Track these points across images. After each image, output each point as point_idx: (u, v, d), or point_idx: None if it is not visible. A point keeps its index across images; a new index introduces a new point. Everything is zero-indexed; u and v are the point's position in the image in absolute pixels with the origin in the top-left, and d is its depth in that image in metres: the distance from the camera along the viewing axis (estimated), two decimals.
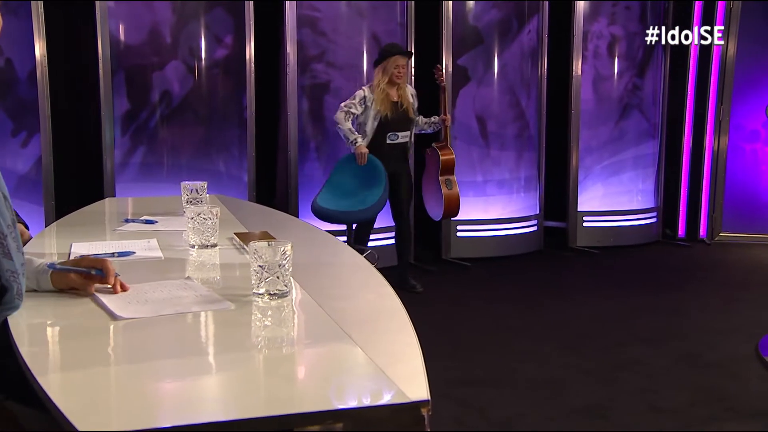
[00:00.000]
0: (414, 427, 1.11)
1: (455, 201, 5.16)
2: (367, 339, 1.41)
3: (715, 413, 3.09)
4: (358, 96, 4.88)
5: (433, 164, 5.22)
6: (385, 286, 1.81)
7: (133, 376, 1.26)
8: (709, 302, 4.90)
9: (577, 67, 6.46)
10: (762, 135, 6.87)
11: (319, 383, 1.27)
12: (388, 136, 4.91)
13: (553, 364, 3.73)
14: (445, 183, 5.13)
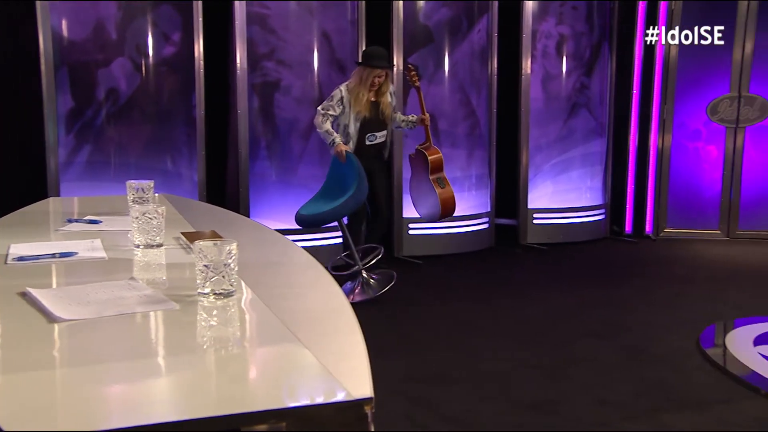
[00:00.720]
0: (357, 424, 1.11)
1: (451, 199, 5.07)
2: (313, 338, 1.41)
3: (658, 405, 3.16)
4: (336, 97, 4.80)
5: (420, 166, 5.14)
6: (333, 286, 1.81)
7: (76, 379, 1.23)
8: (655, 297, 5.02)
9: (526, 66, 6.54)
10: (703, 133, 7.06)
11: (264, 382, 1.27)
12: (367, 137, 4.87)
13: (504, 360, 3.77)
14: (437, 182, 5.05)
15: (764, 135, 6.96)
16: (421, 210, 5.27)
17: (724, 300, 4.93)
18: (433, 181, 5.04)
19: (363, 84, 4.76)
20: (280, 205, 5.70)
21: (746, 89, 6.87)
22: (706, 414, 3.08)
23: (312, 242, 5.76)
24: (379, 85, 4.80)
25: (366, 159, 4.85)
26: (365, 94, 4.78)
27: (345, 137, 4.82)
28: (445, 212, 5.07)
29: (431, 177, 5.05)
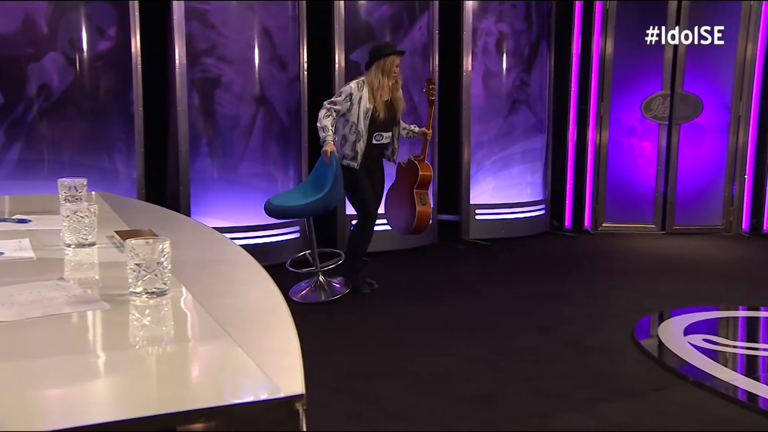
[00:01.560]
0: (289, 421, 1.11)
1: (427, 217, 4.97)
2: (246, 336, 1.40)
3: (595, 395, 3.24)
4: (345, 92, 4.70)
5: (407, 177, 5.02)
6: (269, 284, 1.80)
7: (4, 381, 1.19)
8: (593, 290, 5.14)
9: (467, 63, 6.61)
10: (638, 129, 7.26)
11: (196, 381, 1.25)
12: (374, 137, 4.76)
13: (447, 355, 3.81)
14: (419, 197, 4.95)
15: (697, 132, 7.19)
16: (393, 220, 5.16)
17: (658, 292, 5.08)
18: (416, 195, 4.93)
19: (385, 73, 4.65)
20: (221, 203, 5.63)
21: (680, 87, 7.08)
22: (640, 402, 3.17)
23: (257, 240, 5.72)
24: (398, 75, 4.72)
25: (370, 159, 4.79)
26: (386, 86, 4.68)
27: (354, 135, 4.70)
28: (417, 228, 4.97)
29: (416, 191, 4.94)
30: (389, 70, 4.67)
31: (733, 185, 7.15)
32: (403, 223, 5.04)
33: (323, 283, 4.88)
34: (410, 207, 4.95)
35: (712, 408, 3.11)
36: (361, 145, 4.70)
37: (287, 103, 5.83)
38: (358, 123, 4.69)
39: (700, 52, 7.03)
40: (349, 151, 4.73)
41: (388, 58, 4.67)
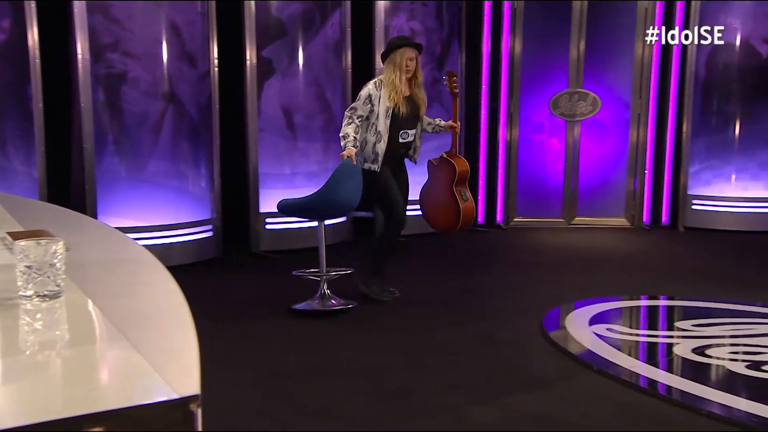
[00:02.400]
0: (184, 423, 1.09)
1: (471, 213, 4.81)
2: (143, 337, 1.37)
3: (505, 387, 3.31)
4: (363, 96, 4.50)
5: (443, 174, 4.84)
6: (170, 283, 1.76)
7: None
8: (504, 284, 5.26)
9: (378, 60, 6.63)
10: (546, 126, 7.48)
11: (87, 385, 1.21)
12: (401, 135, 4.53)
13: (363, 351, 3.82)
14: (460, 194, 4.77)
15: (597, 128, 7.46)
16: (434, 220, 4.96)
17: (566, 284, 5.24)
18: (457, 192, 4.77)
19: (398, 68, 4.45)
20: (130, 203, 5.47)
21: (581, 85, 7.33)
22: (547, 392, 3.26)
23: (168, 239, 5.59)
24: (412, 68, 4.49)
25: (396, 159, 4.58)
26: (402, 80, 4.46)
27: (375, 136, 4.48)
28: (463, 225, 4.81)
29: (456, 188, 4.77)
30: (402, 63, 4.45)
31: (634, 180, 7.46)
32: (446, 222, 4.86)
33: (326, 293, 4.59)
34: (452, 205, 4.78)
35: (614, 394, 3.23)
36: (382, 146, 4.47)
37: (197, 99, 5.71)
38: (378, 123, 4.46)
39: (601, 51, 7.30)
40: (371, 154, 4.50)
41: (398, 51, 4.47)
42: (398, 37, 4.70)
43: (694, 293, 4.95)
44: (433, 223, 4.96)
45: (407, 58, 4.46)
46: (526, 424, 2.94)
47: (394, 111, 4.46)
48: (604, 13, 7.24)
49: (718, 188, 7.20)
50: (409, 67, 4.48)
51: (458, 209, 4.74)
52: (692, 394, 3.21)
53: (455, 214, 4.76)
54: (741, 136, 7.12)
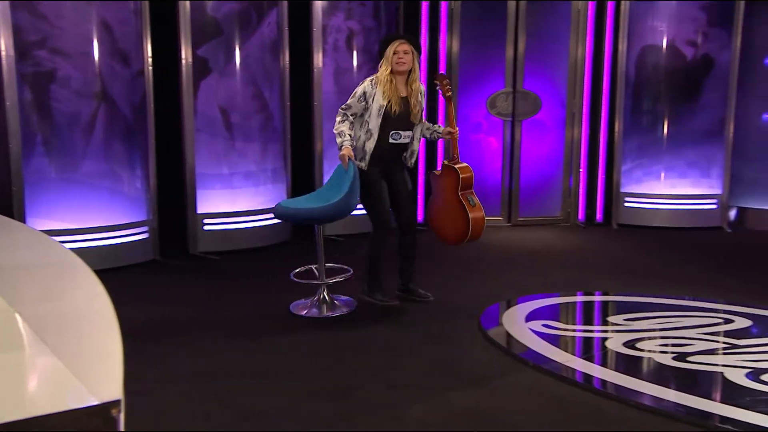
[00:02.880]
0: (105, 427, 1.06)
1: (481, 219, 4.58)
2: (64, 343, 1.33)
3: (443, 383, 3.35)
4: (359, 92, 4.38)
5: (447, 183, 4.66)
6: (96, 287, 1.72)
7: None
8: (444, 282, 5.30)
9: (318, 60, 6.63)
10: (484, 126, 7.58)
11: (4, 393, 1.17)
12: (391, 135, 4.39)
13: (303, 351, 3.81)
14: (467, 200, 4.58)
15: (534, 127, 7.60)
16: (444, 234, 4.72)
17: (505, 281, 5.32)
18: (463, 197, 4.58)
19: (388, 63, 4.33)
20: (60, 204, 5.33)
21: (520, 85, 7.46)
22: (484, 388, 3.30)
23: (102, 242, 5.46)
24: (403, 62, 4.31)
25: (386, 161, 4.44)
26: (396, 77, 4.34)
27: (366, 134, 4.39)
28: (474, 234, 4.57)
29: (461, 193, 4.59)
30: (391, 56, 4.32)
31: (570, 178, 7.63)
32: (457, 233, 4.62)
33: (327, 298, 4.53)
34: (460, 214, 4.57)
35: (549, 389, 3.30)
36: (371, 145, 4.36)
37: (131, 99, 5.59)
38: (370, 120, 4.36)
39: (539, 52, 7.44)
40: (360, 151, 4.41)
41: (389, 45, 4.35)
42: (390, 34, 4.54)
43: (627, 288, 5.09)
44: (444, 237, 4.72)
45: (398, 51, 4.32)
46: (463, 420, 2.97)
47: (386, 110, 4.34)
48: (540, 14, 7.38)
49: (648, 186, 7.42)
50: (400, 60, 4.32)
51: (467, 216, 4.53)
52: (623, 386, 3.30)
53: (464, 221, 4.54)
54: (669, 135, 7.35)
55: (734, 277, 5.46)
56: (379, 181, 4.44)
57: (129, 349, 3.78)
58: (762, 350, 3.76)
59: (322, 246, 4.57)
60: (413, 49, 4.38)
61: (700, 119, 7.28)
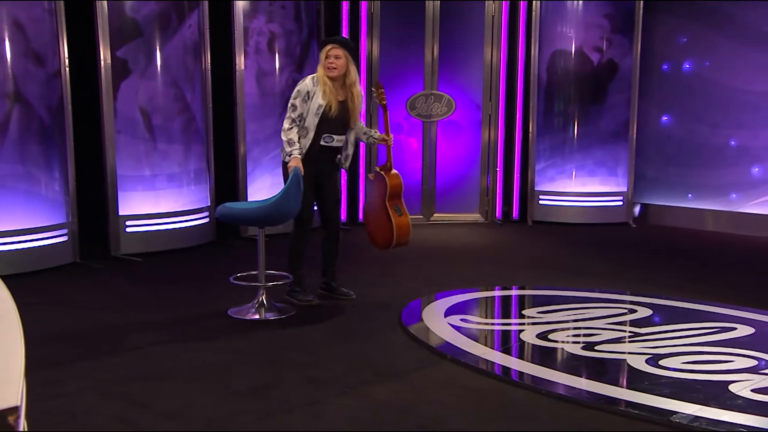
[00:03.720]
0: None
1: (406, 228, 4.72)
2: None
3: (363, 379, 3.46)
4: (301, 92, 4.37)
5: (377, 190, 4.76)
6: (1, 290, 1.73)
7: None
8: (365, 280, 5.42)
9: (240, 62, 6.65)
10: (404, 127, 7.75)
11: None
12: (323, 138, 4.41)
13: (224, 352, 3.85)
14: (394, 209, 4.68)
15: (452, 128, 7.83)
16: (374, 238, 4.87)
17: (425, 278, 5.49)
18: (390, 207, 4.68)
19: (321, 66, 4.38)
20: None
21: (436, 87, 7.66)
22: (403, 382, 3.44)
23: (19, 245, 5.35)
24: (334, 67, 4.34)
25: (317, 164, 4.45)
26: (334, 86, 4.37)
27: (301, 131, 4.39)
28: (399, 242, 4.72)
29: (388, 203, 4.69)
30: (324, 61, 4.37)
31: (487, 177, 7.89)
32: (383, 239, 4.77)
33: (265, 302, 4.52)
34: (386, 221, 4.71)
35: (468, 381, 3.46)
36: (305, 143, 4.39)
37: (47, 100, 5.49)
38: (308, 118, 4.38)
39: (455, 54, 7.65)
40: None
41: (323, 50, 4.40)
42: (331, 36, 4.58)
43: (542, 282, 5.34)
44: (373, 240, 4.88)
45: (330, 55, 4.36)
46: (382, 414, 3.10)
47: (324, 111, 4.37)
48: (456, 16, 7.59)
49: (561, 184, 7.75)
50: (331, 65, 4.35)
51: (391, 225, 4.67)
52: (538, 376, 3.50)
53: (389, 230, 4.69)
54: (579, 135, 7.70)
55: (638, 270, 5.80)
56: (308, 182, 4.44)
57: (47, 354, 3.75)
58: (661, 337, 4.04)
59: (263, 249, 4.55)
60: (347, 53, 4.40)
61: (607, 121, 7.66)
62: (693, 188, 7.68)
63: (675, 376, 3.47)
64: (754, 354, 3.75)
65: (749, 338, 4.03)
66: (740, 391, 3.28)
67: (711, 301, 4.77)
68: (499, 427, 2.99)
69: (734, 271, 5.85)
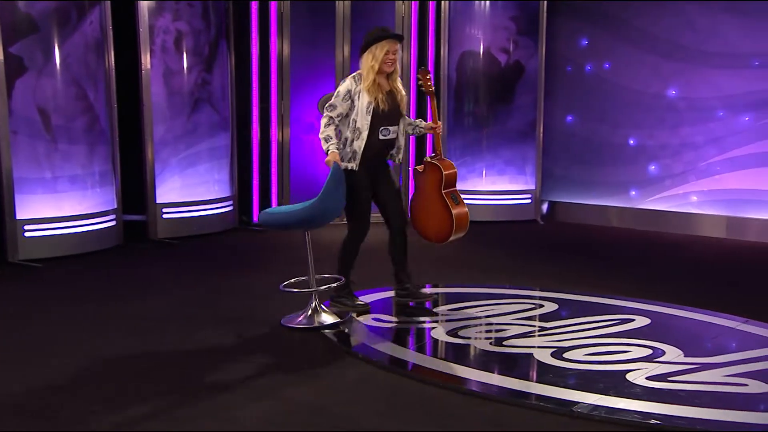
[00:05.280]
0: None
1: (466, 217, 4.48)
2: None
3: (279, 381, 3.45)
4: (342, 92, 4.23)
5: (430, 180, 4.49)
6: None
7: None
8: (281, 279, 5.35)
9: (146, 61, 6.49)
10: (316, 127, 7.69)
11: None
12: (381, 131, 4.27)
13: (130, 358, 3.76)
14: (451, 198, 4.44)
15: None
16: (426, 232, 4.58)
17: None
18: (447, 195, 4.44)
19: (377, 61, 4.18)
20: None
21: None
22: (318, 383, 3.44)
23: None
24: (393, 63, 4.22)
25: (376, 159, 4.33)
26: (379, 78, 4.21)
27: (353, 134, 4.24)
28: (458, 231, 4.46)
29: (445, 191, 4.45)
30: (382, 58, 4.19)
31: (399, 176, 7.96)
32: (440, 231, 4.50)
33: (316, 307, 4.35)
34: (444, 212, 4.45)
35: (380, 380, 3.50)
36: (360, 144, 4.25)
37: None
38: (357, 119, 4.24)
39: None
40: (348, 152, 4.29)
41: (379, 44, 4.19)
42: (379, 29, 4.34)
43: (453, 280, 5.44)
44: (427, 235, 4.60)
45: (389, 51, 4.21)
46: (297, 415, 3.09)
47: (375, 107, 4.24)
48: (367, 16, 7.61)
49: (471, 183, 7.91)
50: (390, 60, 4.23)
51: (450, 214, 4.43)
52: (449, 373, 3.57)
53: (448, 220, 4.44)
54: (488, 135, 7.88)
55: (546, 266, 5.98)
56: (366, 185, 4.37)
57: None
58: (566, 331, 4.19)
59: (311, 252, 4.41)
60: (399, 46, 4.31)
61: (515, 120, 7.87)
62: (597, 186, 7.97)
63: (578, 368, 3.60)
64: (650, 343, 3.94)
65: (646, 329, 4.23)
66: (636, 379, 3.44)
67: (612, 294, 4.97)
68: (413, 425, 3.03)
69: (634, 266, 6.11)
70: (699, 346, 3.96)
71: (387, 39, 4.21)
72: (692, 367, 3.58)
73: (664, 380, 3.43)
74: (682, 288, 5.24)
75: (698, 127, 7.34)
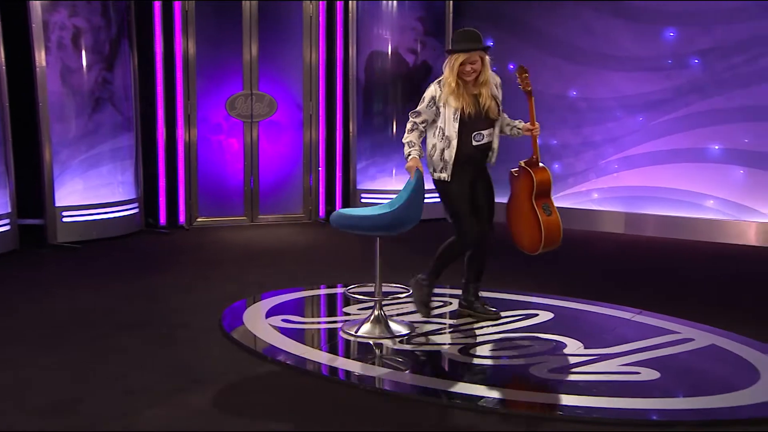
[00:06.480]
0: None
1: (556, 229, 4.19)
2: None
3: (180, 386, 3.36)
4: (427, 97, 4.04)
5: (522, 186, 4.26)
6: None
7: None
8: (186, 284, 5.28)
9: (40, 58, 6.23)
10: (224, 127, 7.62)
11: None
12: (474, 137, 4.05)
13: (24, 367, 3.59)
14: (542, 208, 4.19)
15: (273, 128, 7.80)
16: (519, 239, 4.34)
17: (250, 280, 5.42)
18: (538, 206, 4.20)
19: (453, 74, 3.98)
20: None
21: (256, 87, 7.60)
22: (223, 387, 3.37)
23: None
24: (473, 73, 3.99)
25: (472, 166, 4.11)
26: (458, 86, 3.99)
27: (443, 142, 4.03)
28: (548, 244, 4.18)
29: (536, 201, 4.21)
30: (458, 70, 3.98)
31: (309, 177, 7.94)
32: (530, 241, 4.25)
33: (381, 317, 4.15)
34: (533, 221, 4.21)
35: (290, 382, 3.46)
36: (451, 153, 4.03)
37: None
38: (445, 127, 4.03)
39: (275, 54, 7.63)
40: (439, 161, 4.08)
41: (456, 57, 3.99)
42: (461, 34, 4.06)
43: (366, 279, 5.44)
44: (519, 242, 4.36)
45: (465, 63, 3.99)
46: (198, 420, 3.02)
47: (462, 113, 4.04)
48: (275, 16, 7.57)
49: (382, 182, 7.97)
50: (466, 74, 4.01)
51: (539, 225, 4.19)
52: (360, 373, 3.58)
53: (537, 230, 4.19)
54: (397, 134, 7.95)
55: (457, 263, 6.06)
56: (461, 193, 4.15)
57: None
58: (472, 328, 4.27)
59: (378, 258, 4.21)
60: (483, 55, 4.05)
61: None
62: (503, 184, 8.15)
63: (484, 363, 3.68)
64: (553, 337, 4.06)
65: (549, 323, 4.36)
66: (539, 372, 3.54)
67: (517, 290, 5.10)
68: (325, 426, 3.01)
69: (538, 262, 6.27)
70: (598, 338, 4.11)
71: (462, 52, 3.99)
72: (591, 359, 3.72)
73: (564, 372, 3.54)
74: (584, 283, 5.43)
75: (598, 126, 7.63)
